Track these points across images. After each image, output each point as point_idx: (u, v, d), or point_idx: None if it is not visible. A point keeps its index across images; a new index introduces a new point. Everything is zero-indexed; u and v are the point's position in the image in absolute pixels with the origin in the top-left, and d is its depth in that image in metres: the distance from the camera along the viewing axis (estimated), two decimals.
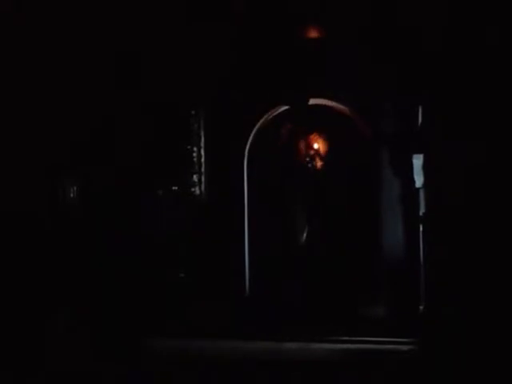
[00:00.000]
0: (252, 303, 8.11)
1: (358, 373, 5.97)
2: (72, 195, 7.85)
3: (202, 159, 8.41)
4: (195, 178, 8.34)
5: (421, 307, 7.04)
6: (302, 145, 8.76)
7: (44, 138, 7.71)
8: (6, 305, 7.01)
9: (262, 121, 8.62)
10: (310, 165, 8.77)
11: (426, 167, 6.99)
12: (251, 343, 7.05)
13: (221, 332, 7.38)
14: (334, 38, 8.21)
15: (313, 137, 8.53)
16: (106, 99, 7.89)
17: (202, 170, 8.37)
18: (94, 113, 7.88)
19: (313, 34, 8.35)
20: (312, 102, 8.64)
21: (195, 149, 8.41)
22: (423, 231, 7.10)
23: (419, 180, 7.30)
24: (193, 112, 8.43)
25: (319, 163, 8.68)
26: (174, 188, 8.24)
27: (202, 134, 8.44)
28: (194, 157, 8.40)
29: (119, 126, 8.04)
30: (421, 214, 7.27)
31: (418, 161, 7.27)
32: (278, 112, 8.70)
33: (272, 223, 8.44)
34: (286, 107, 8.70)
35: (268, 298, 8.08)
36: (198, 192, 8.30)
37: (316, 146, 8.56)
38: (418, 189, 7.41)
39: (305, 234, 8.44)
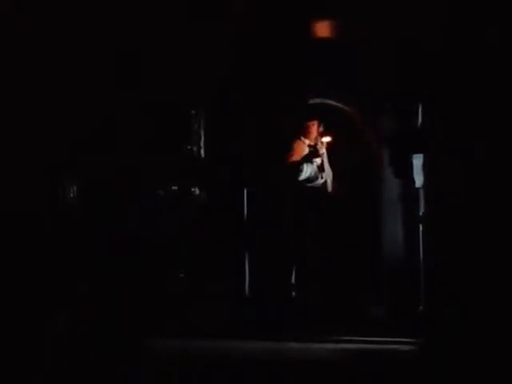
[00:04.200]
0: (252, 303, 8.11)
1: (358, 373, 5.96)
2: (72, 195, 7.85)
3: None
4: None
5: (421, 307, 7.04)
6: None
7: (44, 138, 7.70)
8: (6, 305, 7.01)
9: (261, 120, 8.61)
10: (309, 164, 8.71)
11: (425, 167, 6.99)
12: (251, 343, 7.05)
13: (221, 332, 7.38)
14: (334, 38, 8.20)
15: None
16: (106, 99, 7.88)
17: None
18: (94, 113, 7.88)
19: (313, 33, 8.35)
20: (312, 101, 8.64)
21: (195, 149, 8.40)
22: (423, 231, 7.11)
23: (419, 180, 7.30)
24: (193, 112, 8.43)
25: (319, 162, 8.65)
26: (174, 188, 8.24)
27: (202, 133, 8.43)
28: (193, 156, 8.39)
29: (119, 125, 8.03)
30: (421, 213, 7.27)
31: (417, 161, 7.27)
32: (277, 112, 8.69)
33: (272, 223, 8.41)
34: (285, 107, 8.70)
35: (268, 298, 8.07)
36: (197, 192, 8.30)
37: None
38: (418, 189, 7.41)
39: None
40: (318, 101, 8.66)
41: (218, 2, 8.07)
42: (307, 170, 8.28)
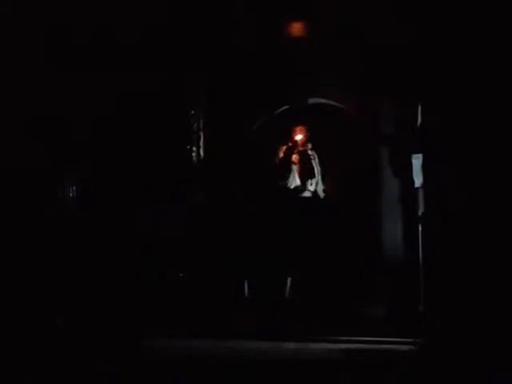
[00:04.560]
0: (252, 303, 8.11)
1: (358, 373, 5.96)
2: (72, 195, 7.84)
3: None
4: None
5: (421, 307, 7.04)
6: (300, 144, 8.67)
7: (44, 137, 7.69)
8: (6, 306, 7.01)
9: (261, 120, 8.62)
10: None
11: (425, 167, 6.99)
12: (251, 343, 7.06)
13: (221, 332, 7.39)
14: (333, 37, 8.20)
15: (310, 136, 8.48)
16: (107, 99, 7.88)
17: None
18: (94, 112, 7.88)
19: (312, 32, 8.35)
20: (311, 101, 8.65)
21: (194, 148, 8.40)
22: (422, 231, 7.10)
23: (418, 180, 7.30)
24: (192, 112, 8.43)
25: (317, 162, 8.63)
26: (174, 187, 8.24)
27: (202, 133, 8.44)
28: (193, 156, 8.39)
29: (119, 125, 8.03)
30: (420, 213, 7.27)
31: (417, 161, 7.27)
32: (277, 112, 8.70)
33: (272, 223, 8.41)
34: (285, 107, 8.70)
35: (268, 298, 8.07)
36: (197, 192, 8.31)
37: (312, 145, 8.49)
38: (417, 188, 7.41)
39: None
40: (317, 101, 8.67)
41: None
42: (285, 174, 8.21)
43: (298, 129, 8.33)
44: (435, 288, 6.53)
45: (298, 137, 8.29)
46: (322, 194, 8.27)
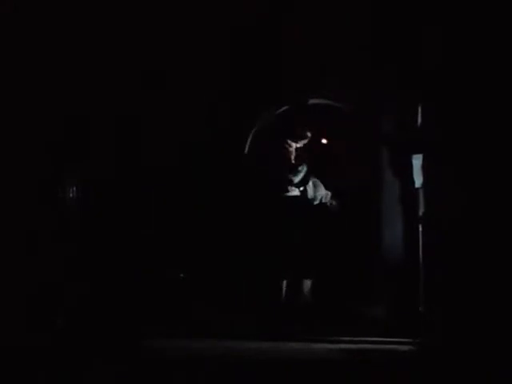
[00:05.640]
0: (252, 303, 8.11)
1: (358, 373, 5.96)
2: (72, 195, 7.84)
3: None
4: None
5: (421, 307, 7.04)
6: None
7: (44, 138, 7.69)
8: (6, 306, 7.01)
9: (261, 120, 8.62)
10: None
11: (425, 167, 7.00)
12: (251, 343, 7.06)
13: (221, 332, 7.39)
14: (333, 37, 8.21)
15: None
16: (106, 99, 7.89)
17: None
18: (94, 112, 7.88)
19: (312, 32, 8.35)
20: (312, 101, 8.64)
21: (194, 148, 8.40)
22: (423, 231, 7.11)
23: (419, 180, 7.30)
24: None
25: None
26: (174, 188, 8.24)
27: (202, 133, 8.43)
28: (193, 156, 8.39)
29: (119, 125, 8.04)
30: (420, 214, 7.28)
31: (417, 161, 7.28)
32: (277, 112, 8.70)
33: (271, 222, 8.40)
34: (285, 107, 8.70)
35: (268, 298, 8.07)
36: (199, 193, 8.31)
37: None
38: (418, 189, 7.42)
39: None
40: (317, 101, 8.67)
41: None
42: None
43: (309, 134, 8.31)
44: (435, 288, 6.54)
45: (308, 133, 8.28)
46: (319, 198, 8.25)
